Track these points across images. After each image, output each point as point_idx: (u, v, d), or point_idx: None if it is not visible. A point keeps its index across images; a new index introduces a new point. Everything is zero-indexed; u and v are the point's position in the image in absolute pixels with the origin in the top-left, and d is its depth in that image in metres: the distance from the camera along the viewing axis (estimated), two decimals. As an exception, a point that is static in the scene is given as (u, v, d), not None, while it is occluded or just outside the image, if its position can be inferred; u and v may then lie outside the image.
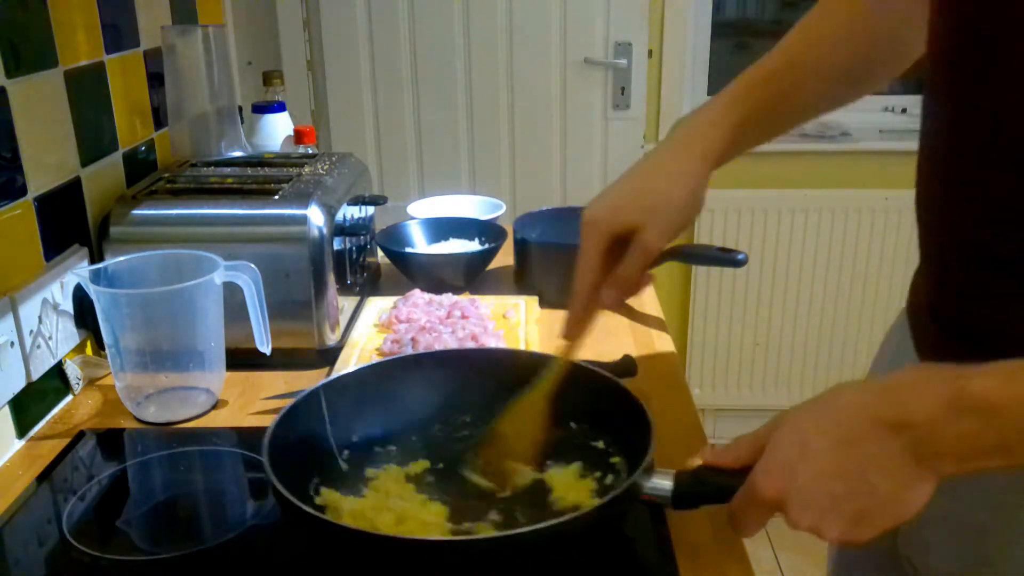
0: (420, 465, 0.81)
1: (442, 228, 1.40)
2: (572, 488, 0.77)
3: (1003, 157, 0.62)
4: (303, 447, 0.77)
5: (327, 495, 0.75)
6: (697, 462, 0.70)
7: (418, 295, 1.19)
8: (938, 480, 0.56)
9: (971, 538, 0.70)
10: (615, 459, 0.81)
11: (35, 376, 0.96)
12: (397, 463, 0.81)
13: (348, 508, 0.73)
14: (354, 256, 1.20)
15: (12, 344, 0.92)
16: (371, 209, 1.29)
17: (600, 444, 0.83)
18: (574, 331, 0.79)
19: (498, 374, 0.86)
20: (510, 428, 0.80)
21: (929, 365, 0.57)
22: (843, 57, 0.81)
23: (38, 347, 0.97)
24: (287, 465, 0.70)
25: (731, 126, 0.77)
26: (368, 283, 1.29)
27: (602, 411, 0.82)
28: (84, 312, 1.05)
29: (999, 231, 0.64)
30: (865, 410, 0.57)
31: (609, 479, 0.79)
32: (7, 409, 0.93)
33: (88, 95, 1.11)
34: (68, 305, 1.03)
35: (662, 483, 0.68)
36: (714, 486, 0.66)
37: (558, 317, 1.19)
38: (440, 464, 0.81)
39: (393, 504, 0.74)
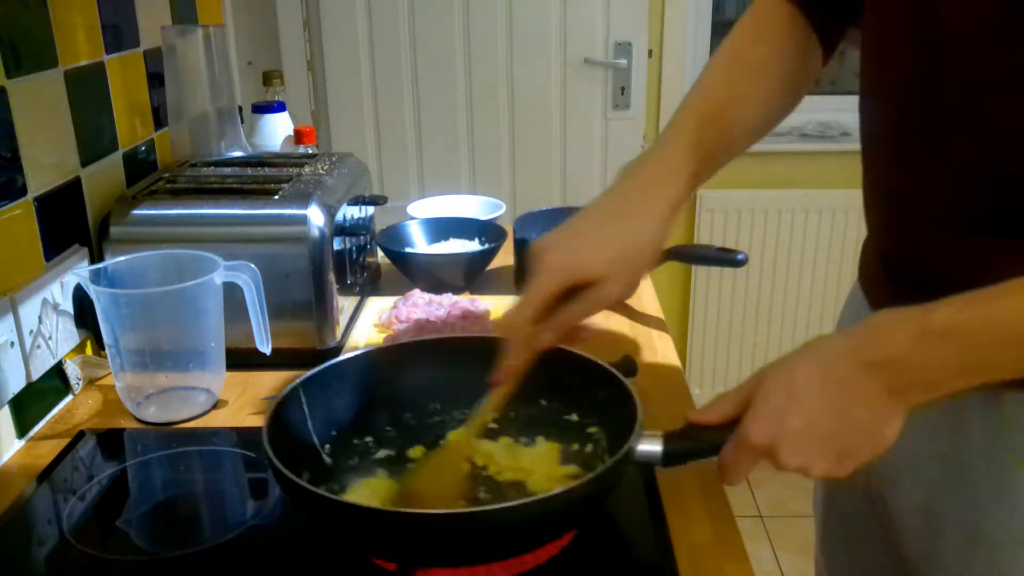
0: (414, 452, 0.83)
1: (442, 228, 1.40)
2: (547, 464, 0.79)
3: (942, 137, 0.68)
4: (290, 444, 0.77)
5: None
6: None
7: (418, 295, 1.19)
8: (908, 411, 0.61)
9: (932, 470, 0.74)
10: (592, 429, 0.82)
11: (35, 376, 0.96)
12: (378, 465, 0.82)
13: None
14: (354, 256, 1.20)
15: (12, 344, 0.92)
16: (371, 209, 1.29)
17: (574, 417, 0.84)
18: (510, 376, 0.75)
19: (463, 360, 0.87)
20: (426, 485, 0.76)
21: (897, 308, 0.61)
22: (775, 82, 0.84)
23: (38, 347, 0.97)
24: (281, 462, 0.70)
25: (691, 172, 0.77)
26: (368, 283, 1.29)
27: (572, 385, 0.83)
28: (84, 312, 1.05)
29: (938, 187, 0.70)
30: (849, 353, 0.62)
31: (589, 448, 0.81)
32: (7, 409, 0.93)
33: (88, 95, 1.11)
34: (68, 305, 1.03)
35: (651, 445, 0.70)
36: (703, 441, 0.68)
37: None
38: (415, 452, 0.83)
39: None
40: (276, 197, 1.07)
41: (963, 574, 0.73)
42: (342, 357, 0.88)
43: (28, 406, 0.96)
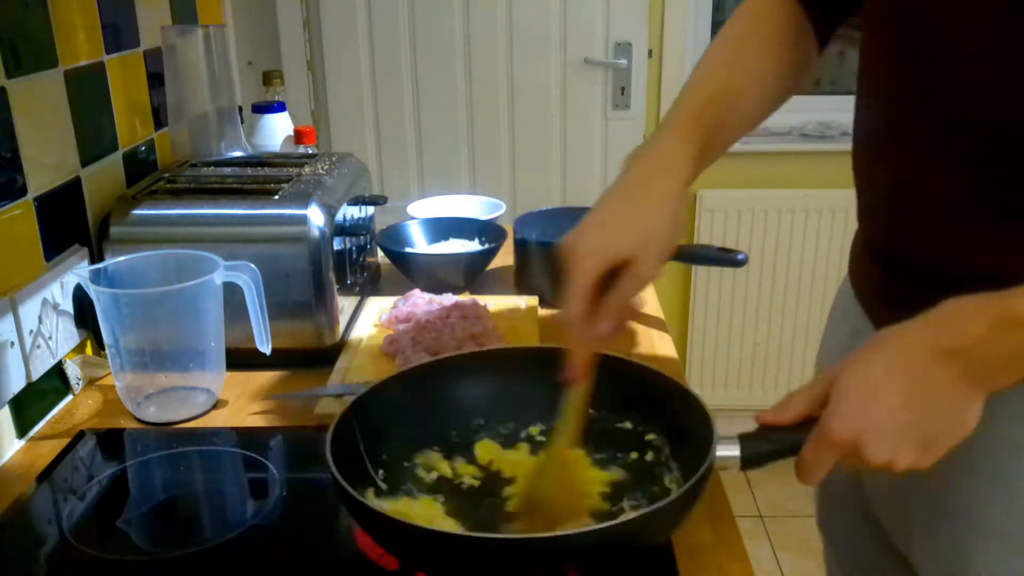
0: (464, 469, 0.81)
1: (442, 228, 1.40)
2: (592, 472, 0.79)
3: (932, 133, 0.69)
4: (345, 470, 0.72)
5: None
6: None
7: (418, 295, 1.19)
8: (987, 396, 0.61)
9: (934, 486, 0.74)
10: (651, 436, 0.80)
11: (35, 376, 0.96)
12: (432, 488, 0.80)
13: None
14: (354, 256, 1.20)
15: (12, 344, 0.92)
16: (371, 209, 1.29)
17: (627, 424, 0.82)
18: (581, 372, 0.74)
19: (503, 372, 0.85)
20: (549, 492, 0.76)
21: (973, 295, 0.61)
22: (771, 72, 0.84)
23: (38, 347, 0.97)
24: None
25: (696, 149, 0.78)
26: (368, 283, 1.29)
27: (620, 392, 0.80)
28: (84, 312, 1.05)
29: (940, 184, 0.71)
30: (926, 342, 0.62)
31: (650, 455, 0.79)
32: (7, 409, 0.93)
33: (88, 95, 1.11)
34: (68, 305, 1.03)
35: (728, 450, 0.67)
36: (780, 442, 0.66)
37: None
38: (465, 469, 0.82)
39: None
40: (276, 197, 1.07)
41: (929, 547, 0.76)
42: (387, 377, 0.84)
43: (28, 406, 0.96)
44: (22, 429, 0.95)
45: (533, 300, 1.23)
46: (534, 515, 0.74)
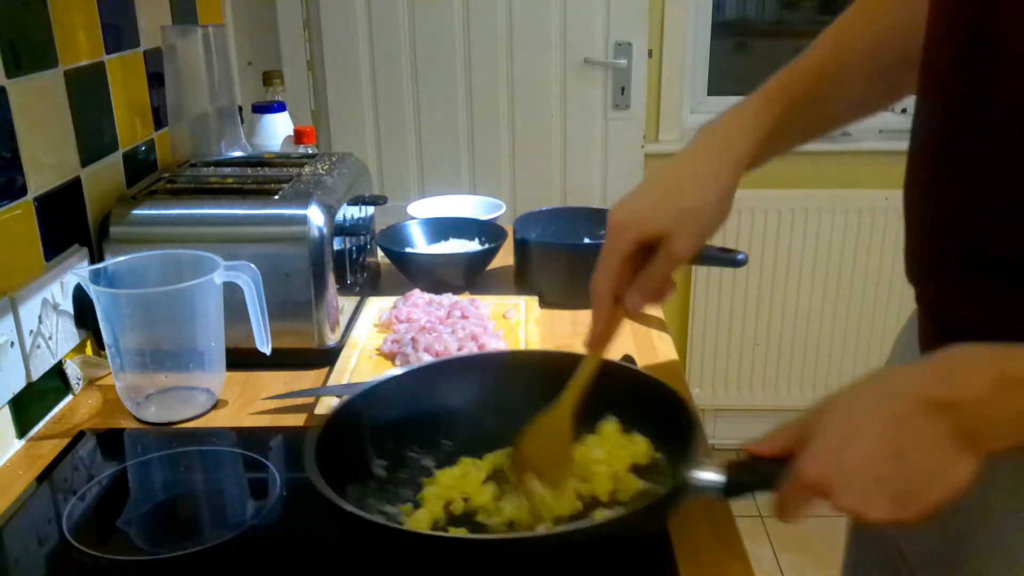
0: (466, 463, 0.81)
1: (442, 228, 1.40)
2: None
3: (993, 155, 0.63)
4: (339, 458, 0.74)
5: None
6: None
7: (418, 295, 1.19)
8: (982, 457, 0.57)
9: (953, 520, 0.70)
10: (656, 454, 0.80)
11: (35, 376, 0.96)
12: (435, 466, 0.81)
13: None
14: (354, 256, 1.20)
15: (12, 344, 0.92)
16: (371, 209, 1.29)
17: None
18: (600, 340, 0.75)
19: (518, 376, 0.85)
20: (532, 447, 0.77)
21: (975, 345, 0.57)
22: (886, 55, 0.77)
23: (38, 347, 0.97)
24: (328, 477, 0.68)
25: (764, 128, 0.74)
26: (368, 283, 1.29)
27: (636, 405, 0.81)
28: (84, 312, 1.05)
29: (987, 229, 0.65)
30: (916, 389, 0.58)
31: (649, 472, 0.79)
32: (7, 409, 0.93)
33: (88, 95, 1.11)
34: (68, 305, 1.03)
35: (713, 475, 0.67)
36: (762, 475, 0.65)
37: (558, 317, 1.20)
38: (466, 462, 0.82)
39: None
40: (276, 197, 1.07)
41: None
42: (397, 371, 0.86)
43: (28, 406, 0.96)
44: (22, 429, 0.95)
45: (533, 300, 1.23)
46: (521, 471, 0.75)
